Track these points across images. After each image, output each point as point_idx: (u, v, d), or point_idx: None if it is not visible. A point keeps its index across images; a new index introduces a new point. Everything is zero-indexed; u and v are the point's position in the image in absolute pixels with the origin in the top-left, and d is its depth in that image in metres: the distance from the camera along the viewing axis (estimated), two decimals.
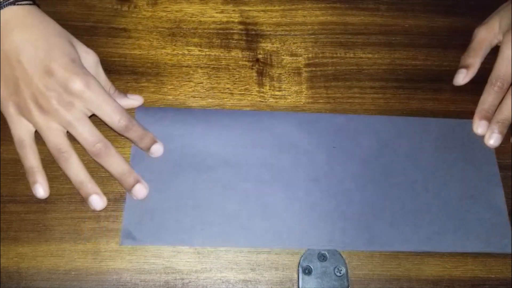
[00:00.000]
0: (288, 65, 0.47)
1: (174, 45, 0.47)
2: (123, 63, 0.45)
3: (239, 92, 0.45)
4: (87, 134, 0.37)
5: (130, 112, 0.42)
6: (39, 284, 0.37)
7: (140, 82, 0.44)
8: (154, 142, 0.41)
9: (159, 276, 0.38)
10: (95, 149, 0.38)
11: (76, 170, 0.38)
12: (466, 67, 0.46)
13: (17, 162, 0.41)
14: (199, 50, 0.46)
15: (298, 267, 0.39)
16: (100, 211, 0.39)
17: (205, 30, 0.47)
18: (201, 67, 0.46)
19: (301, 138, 0.43)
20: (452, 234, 0.40)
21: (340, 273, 0.39)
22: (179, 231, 0.39)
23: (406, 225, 0.40)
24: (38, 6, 0.40)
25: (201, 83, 0.45)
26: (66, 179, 0.40)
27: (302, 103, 0.45)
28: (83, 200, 0.40)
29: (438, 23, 0.50)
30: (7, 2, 0.37)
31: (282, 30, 0.48)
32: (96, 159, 0.38)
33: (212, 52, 0.46)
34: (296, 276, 0.39)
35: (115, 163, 0.39)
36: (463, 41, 0.49)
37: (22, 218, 0.39)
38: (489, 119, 0.44)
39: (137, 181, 0.39)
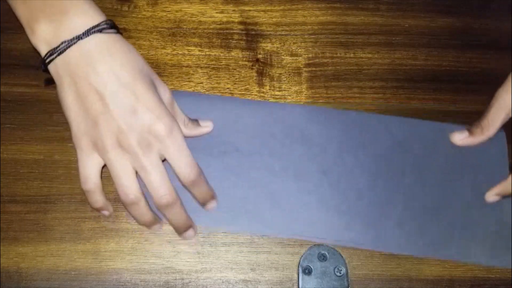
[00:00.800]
0: (288, 65, 0.47)
1: (174, 45, 0.47)
2: None
3: (239, 92, 0.45)
4: (158, 183, 0.36)
5: None
6: (39, 284, 0.37)
7: None
8: (212, 199, 0.40)
9: (159, 276, 0.38)
10: (162, 200, 0.36)
11: (143, 213, 0.37)
12: (472, 133, 0.43)
13: (17, 162, 0.41)
14: (199, 50, 0.46)
15: (298, 267, 0.39)
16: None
17: (205, 30, 0.47)
18: (201, 67, 0.46)
19: (313, 130, 0.43)
20: (457, 242, 0.40)
21: (340, 273, 0.39)
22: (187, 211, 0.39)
23: (412, 228, 0.40)
24: (122, 34, 0.37)
25: (201, 83, 0.45)
26: (66, 179, 0.40)
27: (302, 103, 0.45)
28: (83, 200, 0.40)
29: (438, 23, 0.50)
30: (94, 30, 0.34)
31: (282, 30, 0.48)
32: (159, 208, 0.37)
33: (212, 52, 0.46)
34: (296, 276, 0.39)
35: (177, 215, 0.38)
36: (463, 41, 0.49)
37: (22, 218, 0.39)
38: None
39: (190, 227, 0.39)
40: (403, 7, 0.50)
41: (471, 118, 0.45)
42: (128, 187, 0.36)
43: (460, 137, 0.44)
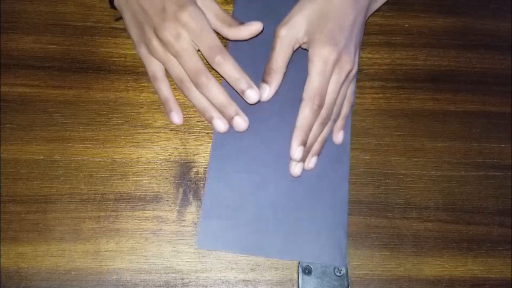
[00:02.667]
0: None
1: None
2: (123, 63, 0.45)
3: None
4: (189, 65, 0.40)
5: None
6: (39, 284, 0.37)
7: (140, 82, 0.44)
8: (250, 86, 0.40)
9: (159, 276, 0.38)
10: (196, 79, 0.40)
11: (198, 98, 0.41)
12: (267, 82, 0.42)
13: (17, 162, 0.41)
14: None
15: (298, 267, 0.39)
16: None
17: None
18: None
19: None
20: (293, 242, 0.40)
21: (340, 273, 0.39)
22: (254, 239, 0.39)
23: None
24: None
25: None
26: (66, 179, 0.40)
27: None
28: (83, 200, 0.40)
29: (438, 23, 0.50)
30: None
31: None
32: (197, 89, 0.41)
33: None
34: (296, 276, 0.39)
35: (214, 92, 0.40)
36: (463, 41, 0.49)
37: (22, 218, 0.39)
38: (306, 143, 0.40)
39: (237, 114, 0.41)
40: (403, 7, 0.50)
41: (471, 118, 0.46)
42: (178, 73, 0.41)
43: (266, 93, 0.41)
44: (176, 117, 0.43)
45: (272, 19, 0.44)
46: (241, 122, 0.41)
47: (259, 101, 0.41)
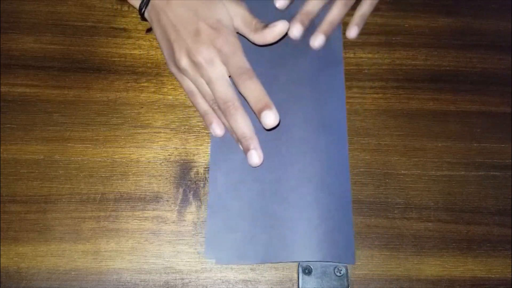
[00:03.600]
0: None
1: None
2: (123, 63, 0.45)
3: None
4: (221, 92, 0.40)
5: None
6: (39, 284, 0.37)
7: (140, 82, 0.44)
8: (267, 106, 0.39)
9: (159, 276, 0.38)
10: (224, 107, 0.40)
11: (241, 122, 0.40)
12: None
13: (17, 162, 0.41)
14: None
15: (298, 267, 0.39)
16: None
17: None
18: None
19: None
20: (301, 243, 0.39)
21: (340, 273, 0.39)
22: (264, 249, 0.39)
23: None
24: None
25: None
26: (66, 179, 0.40)
27: None
28: (83, 200, 0.40)
29: (438, 23, 0.50)
30: None
31: None
32: (224, 117, 0.41)
33: None
34: (296, 276, 0.39)
35: (239, 122, 0.40)
36: (463, 41, 0.49)
37: (22, 218, 0.39)
38: (305, 24, 0.46)
39: (254, 148, 0.40)
40: (403, 7, 0.50)
41: (471, 118, 0.46)
42: (210, 95, 0.41)
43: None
44: (218, 129, 0.42)
45: (267, 15, 0.44)
46: (255, 157, 0.40)
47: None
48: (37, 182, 0.40)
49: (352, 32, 0.47)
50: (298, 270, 0.39)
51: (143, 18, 0.44)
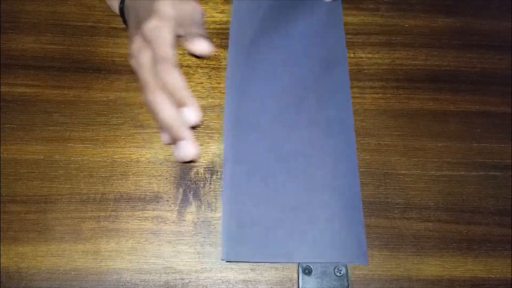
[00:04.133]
0: None
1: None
2: (123, 63, 0.45)
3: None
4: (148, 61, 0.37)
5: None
6: (39, 284, 0.37)
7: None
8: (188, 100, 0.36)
9: (159, 276, 0.38)
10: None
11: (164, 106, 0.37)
12: None
13: (17, 162, 0.41)
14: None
15: (298, 267, 0.39)
16: (100, 212, 0.39)
17: (205, 30, 0.47)
18: (201, 67, 0.46)
19: None
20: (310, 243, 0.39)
21: (340, 273, 0.39)
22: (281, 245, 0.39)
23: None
24: None
25: (201, 83, 0.45)
26: (66, 179, 0.40)
27: None
28: (83, 200, 0.40)
29: (438, 23, 0.50)
30: None
31: None
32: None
33: (212, 52, 0.46)
34: (296, 276, 0.39)
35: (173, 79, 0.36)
36: (463, 41, 0.49)
37: (22, 218, 0.39)
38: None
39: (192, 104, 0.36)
40: (403, 7, 0.50)
41: (471, 118, 0.46)
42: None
43: None
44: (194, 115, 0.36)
45: (271, 19, 0.44)
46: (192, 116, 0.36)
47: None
48: (37, 182, 0.40)
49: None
50: (298, 270, 0.39)
51: (124, 20, 0.43)
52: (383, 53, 0.48)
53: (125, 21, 0.43)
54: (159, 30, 0.38)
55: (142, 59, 0.37)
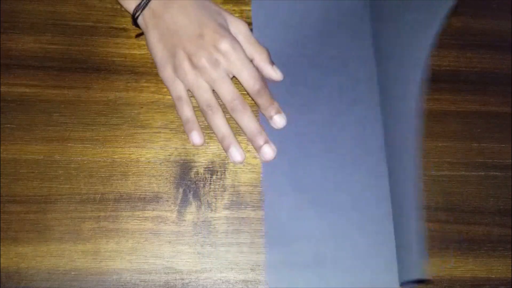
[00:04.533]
0: None
1: None
2: (123, 63, 0.45)
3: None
4: (227, 91, 0.41)
5: None
6: (39, 284, 0.37)
7: (140, 82, 0.44)
8: (278, 112, 0.43)
9: (159, 276, 0.38)
10: (232, 105, 0.41)
11: (220, 124, 0.42)
12: None
13: (17, 162, 0.41)
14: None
15: None
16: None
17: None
18: None
19: None
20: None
21: None
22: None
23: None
24: None
25: None
26: (66, 179, 0.40)
27: None
28: (83, 200, 0.40)
29: None
30: None
31: None
32: (232, 114, 0.42)
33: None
34: None
35: (247, 120, 0.42)
36: (463, 41, 0.49)
37: (22, 218, 0.39)
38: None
39: (266, 142, 0.42)
40: None
41: (471, 118, 0.46)
42: (207, 99, 0.42)
43: None
44: (197, 138, 0.42)
45: (292, 20, 0.45)
46: (268, 152, 0.42)
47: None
48: (37, 182, 0.40)
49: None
50: None
51: (135, 23, 0.44)
52: None
53: (137, 25, 0.44)
54: (240, 48, 0.42)
55: (221, 72, 0.41)
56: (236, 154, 0.41)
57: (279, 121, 0.43)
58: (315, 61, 0.45)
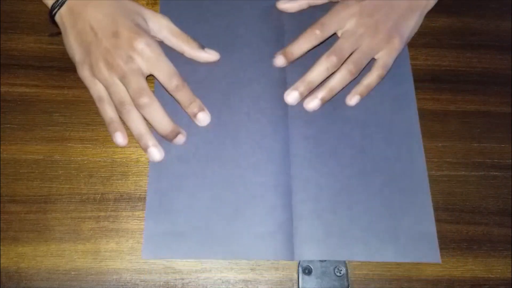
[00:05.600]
0: None
1: None
2: None
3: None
4: (136, 87, 0.40)
5: None
6: (39, 284, 0.37)
7: None
8: (202, 109, 0.42)
9: (159, 276, 0.38)
10: (140, 101, 0.40)
11: (136, 123, 0.41)
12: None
13: (17, 162, 0.41)
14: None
15: (298, 267, 0.39)
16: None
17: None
18: None
19: None
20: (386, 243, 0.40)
21: (340, 273, 0.39)
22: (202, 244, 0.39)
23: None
24: None
25: None
26: (66, 179, 0.40)
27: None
28: (83, 200, 0.40)
29: (438, 23, 0.50)
30: None
31: None
32: (138, 109, 0.40)
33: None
34: (296, 276, 0.39)
35: (156, 115, 0.40)
36: (463, 41, 0.49)
37: (22, 218, 0.39)
38: (303, 94, 0.44)
39: (178, 133, 0.41)
40: None
41: (471, 118, 0.46)
42: (122, 97, 0.40)
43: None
44: (121, 138, 0.41)
45: (200, 20, 0.46)
46: (181, 139, 0.42)
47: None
48: (37, 182, 0.40)
49: (354, 100, 0.44)
50: (298, 270, 0.39)
51: (53, 21, 0.43)
52: None
53: (54, 22, 0.43)
54: (156, 46, 0.41)
55: (132, 66, 0.40)
56: (155, 154, 0.41)
57: (203, 118, 0.42)
58: (223, 60, 0.45)
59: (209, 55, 0.44)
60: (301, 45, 0.44)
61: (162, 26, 0.44)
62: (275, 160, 0.42)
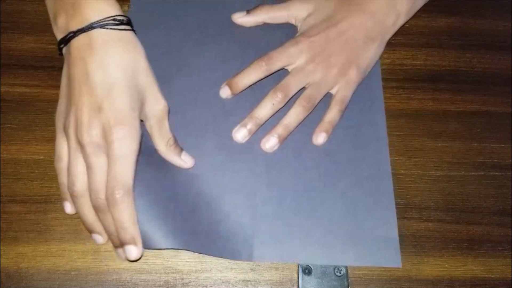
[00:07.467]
0: None
1: None
2: None
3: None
4: (97, 186, 0.35)
5: None
6: (39, 284, 0.37)
7: None
8: (132, 242, 0.36)
9: (159, 276, 0.38)
10: (96, 202, 0.36)
11: (84, 211, 0.37)
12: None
13: (17, 162, 0.41)
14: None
15: (298, 267, 0.39)
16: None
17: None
18: None
19: None
20: (348, 247, 0.39)
21: (340, 273, 0.39)
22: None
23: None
24: (135, 32, 0.38)
25: None
26: None
27: None
28: None
29: (438, 23, 0.50)
30: (96, 25, 0.36)
31: None
32: (95, 210, 0.36)
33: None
34: (296, 276, 0.39)
35: (110, 224, 0.36)
36: (463, 41, 0.49)
37: (22, 218, 0.39)
38: (252, 131, 0.42)
39: (133, 243, 0.36)
40: None
41: (471, 118, 0.46)
42: (76, 178, 0.36)
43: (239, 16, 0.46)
44: (69, 208, 0.38)
45: (170, 21, 0.46)
46: (131, 250, 0.36)
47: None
48: (37, 182, 0.40)
49: (320, 138, 0.42)
50: (298, 270, 0.39)
51: (61, 54, 0.40)
52: (383, 53, 0.47)
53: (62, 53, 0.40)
54: (130, 144, 0.35)
55: (100, 161, 0.35)
56: (131, 251, 0.36)
57: (129, 252, 0.36)
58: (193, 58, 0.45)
59: (184, 163, 0.40)
60: (247, 77, 0.43)
61: (153, 114, 0.38)
62: (239, 160, 0.42)
